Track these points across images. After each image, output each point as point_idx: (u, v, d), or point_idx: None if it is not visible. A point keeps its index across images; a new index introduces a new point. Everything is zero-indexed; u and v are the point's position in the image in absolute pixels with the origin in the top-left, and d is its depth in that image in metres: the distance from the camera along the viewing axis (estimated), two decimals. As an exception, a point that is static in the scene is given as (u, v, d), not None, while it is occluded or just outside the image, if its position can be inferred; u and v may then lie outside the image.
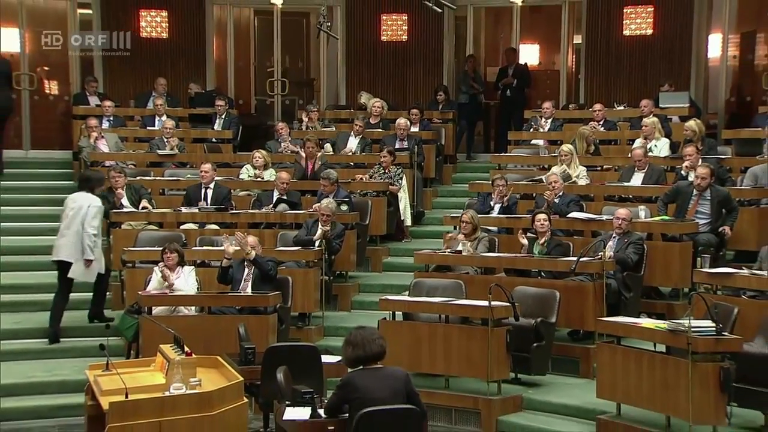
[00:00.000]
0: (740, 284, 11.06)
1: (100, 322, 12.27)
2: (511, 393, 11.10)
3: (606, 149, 16.05)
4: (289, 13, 20.47)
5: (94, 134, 16.43)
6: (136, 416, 7.24)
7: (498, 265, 12.42)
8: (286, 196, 14.53)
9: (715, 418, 9.36)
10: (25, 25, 19.44)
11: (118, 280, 13.33)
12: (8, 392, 11.54)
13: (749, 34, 19.45)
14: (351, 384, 7.62)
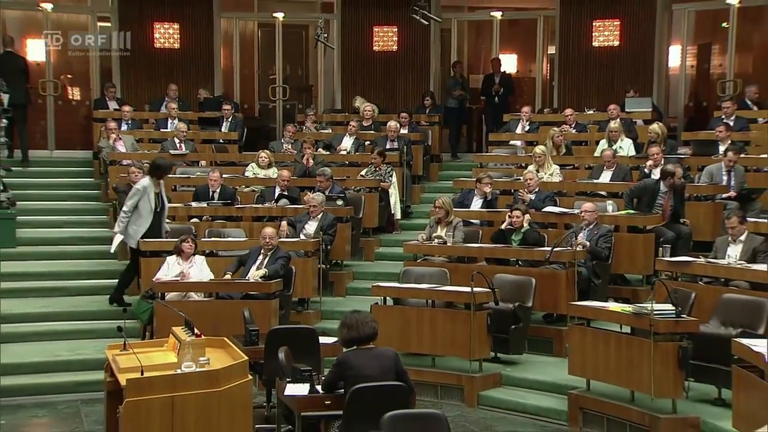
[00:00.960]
0: (697, 272, 11.21)
1: (119, 306, 12.23)
2: (491, 371, 11.15)
3: (577, 149, 16.12)
4: (290, 25, 20.46)
5: (113, 136, 16.48)
6: (151, 392, 7.23)
7: (479, 255, 12.44)
8: (287, 192, 14.57)
9: (674, 392, 9.45)
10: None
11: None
12: (36, 369, 11.63)
13: (705, 46, 19.57)
14: (346, 363, 7.66)
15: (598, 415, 10.02)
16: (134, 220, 12.59)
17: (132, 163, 15.03)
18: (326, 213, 13.55)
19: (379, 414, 6.67)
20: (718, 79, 18.81)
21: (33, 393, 11.21)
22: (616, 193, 13.60)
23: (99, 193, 16.54)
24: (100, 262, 14.61)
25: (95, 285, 13.95)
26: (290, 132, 17.25)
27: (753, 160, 14.24)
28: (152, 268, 12.07)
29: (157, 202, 12.72)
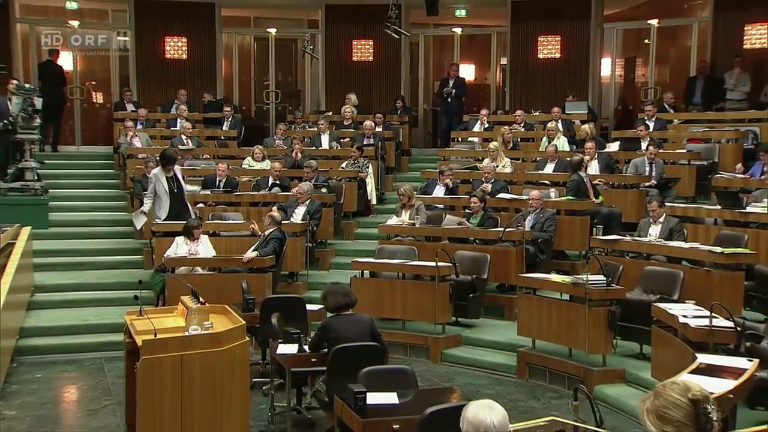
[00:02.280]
0: (624, 248, 11.30)
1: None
2: (452, 333, 11.19)
3: (525, 145, 16.16)
4: (281, 39, 20.39)
5: (130, 133, 16.47)
6: (163, 351, 7.21)
7: (443, 235, 12.42)
8: (278, 181, 14.57)
9: (605, 349, 9.58)
10: (77, 50, 19.33)
11: (149, 247, 13.25)
12: (66, 332, 11.65)
13: (631, 59, 19.69)
14: (328, 326, 7.70)
15: (541, 368, 10.11)
16: (157, 202, 12.63)
17: (147, 157, 15.09)
18: (313, 199, 13.53)
19: (358, 369, 6.71)
20: (641, 87, 19.00)
21: (63, 352, 11.25)
22: (558, 182, 13.65)
23: (118, 182, 16.47)
24: (120, 241, 14.62)
25: (116, 260, 13.97)
26: (281, 130, 17.21)
27: (670, 154, 14.37)
28: (163, 247, 12.06)
29: (172, 186, 12.66)
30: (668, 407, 3.16)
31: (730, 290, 9.73)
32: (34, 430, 8.63)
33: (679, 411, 3.14)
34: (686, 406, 3.14)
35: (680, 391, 3.19)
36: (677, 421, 3.14)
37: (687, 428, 3.13)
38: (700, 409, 3.14)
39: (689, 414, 3.14)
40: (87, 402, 9.69)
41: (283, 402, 8.43)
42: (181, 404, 7.24)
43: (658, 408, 3.19)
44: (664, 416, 3.17)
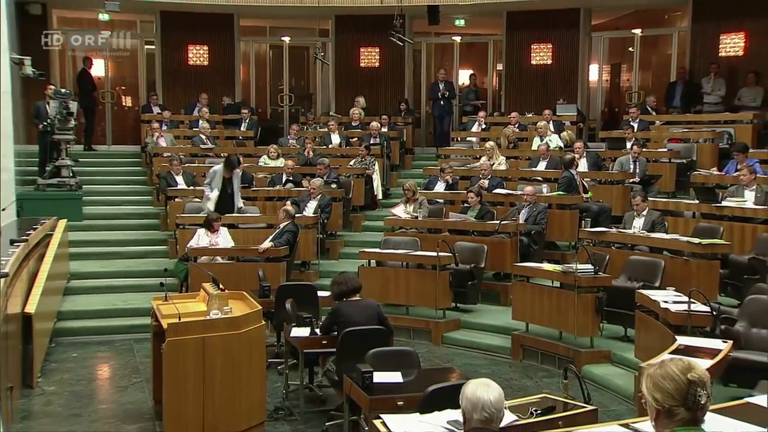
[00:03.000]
0: (610, 239, 11.27)
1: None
2: (452, 317, 11.20)
3: (519, 144, 16.08)
4: (294, 47, 20.36)
5: (156, 134, 16.50)
6: (186, 333, 7.24)
7: (444, 227, 12.41)
8: (292, 178, 14.57)
9: (592, 331, 9.59)
10: (108, 58, 19.34)
11: (173, 238, 13.26)
12: (98, 315, 11.74)
13: (616, 65, 19.66)
14: (338, 311, 7.69)
15: (534, 350, 10.13)
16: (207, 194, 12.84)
17: (171, 156, 15.10)
18: (323, 194, 13.54)
19: (365, 351, 6.72)
20: (626, 91, 18.97)
21: (96, 333, 11.31)
22: (550, 178, 13.63)
23: (146, 179, 16.45)
24: (147, 232, 14.66)
25: (143, 250, 14.00)
26: (294, 131, 17.19)
27: (652, 153, 14.35)
28: (186, 238, 12.07)
29: (226, 186, 12.81)
30: (665, 378, 3.19)
31: (706, 278, 9.72)
32: (71, 404, 8.65)
33: (673, 384, 3.17)
34: (681, 383, 3.16)
35: (682, 368, 3.22)
36: (667, 391, 3.17)
37: (673, 401, 3.17)
38: (692, 390, 3.16)
39: (681, 390, 3.16)
40: (118, 379, 9.73)
41: (297, 380, 8.42)
42: (204, 382, 7.26)
43: (657, 376, 3.22)
44: (658, 384, 3.20)
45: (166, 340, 7.24)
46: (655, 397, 3.20)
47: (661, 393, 3.19)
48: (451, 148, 16.86)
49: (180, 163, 14.79)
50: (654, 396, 3.20)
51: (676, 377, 3.18)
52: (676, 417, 3.18)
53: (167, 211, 14.09)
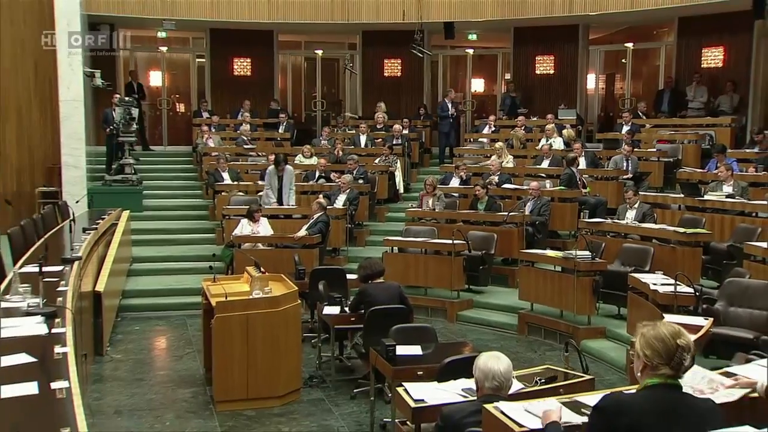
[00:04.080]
0: (606, 229, 11.22)
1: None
2: (465, 297, 11.15)
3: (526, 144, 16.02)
4: (326, 59, 20.37)
5: (205, 135, 16.54)
6: (232, 310, 7.28)
7: (458, 218, 12.37)
8: (324, 174, 14.55)
9: (589, 310, 9.58)
10: (165, 69, 19.41)
11: (220, 227, 13.30)
12: (156, 294, 11.79)
13: (611, 75, 19.56)
14: (365, 292, 7.71)
15: (538, 326, 10.10)
16: (266, 192, 12.98)
17: (218, 155, 15.12)
18: (352, 189, 13.54)
19: (388, 327, 6.72)
20: (619, 98, 18.88)
21: (154, 310, 11.35)
22: (552, 174, 13.56)
23: (196, 175, 16.49)
24: (197, 222, 14.69)
25: (194, 237, 14.02)
26: (326, 132, 17.18)
27: (643, 153, 14.26)
28: (232, 227, 12.11)
29: (278, 184, 12.96)
30: (657, 339, 3.24)
31: (690, 263, 9.65)
32: (134, 370, 8.72)
33: (663, 345, 3.22)
34: (671, 345, 3.21)
35: (673, 333, 3.27)
36: (657, 350, 3.23)
37: (660, 359, 3.23)
38: (679, 353, 3.22)
39: (669, 352, 3.22)
40: (173, 350, 9.78)
41: (328, 352, 8.46)
42: (247, 353, 7.31)
43: (650, 336, 3.28)
44: (650, 343, 3.26)
45: (215, 316, 7.29)
46: (646, 353, 3.26)
47: (651, 350, 3.24)
48: (464, 147, 16.79)
49: (226, 161, 14.83)
50: (645, 352, 3.26)
51: (666, 340, 3.23)
52: (659, 371, 3.24)
53: (215, 203, 14.13)
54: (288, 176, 13.12)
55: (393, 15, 17.19)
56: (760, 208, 10.67)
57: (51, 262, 7.12)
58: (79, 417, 3.51)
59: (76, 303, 6.41)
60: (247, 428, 6.91)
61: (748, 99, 15.89)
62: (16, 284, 5.78)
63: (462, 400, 4.61)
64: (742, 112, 15.73)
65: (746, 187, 11.41)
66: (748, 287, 7.83)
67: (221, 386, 7.34)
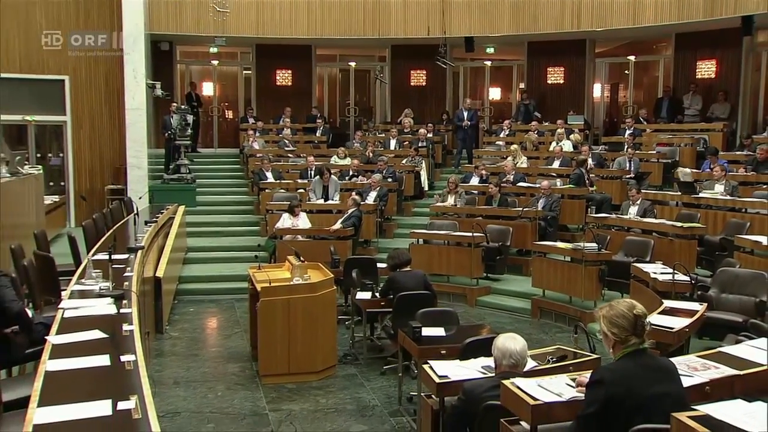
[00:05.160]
0: (611, 223, 11.12)
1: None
2: (484, 284, 11.14)
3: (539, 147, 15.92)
4: (359, 70, 20.30)
5: (251, 139, 16.54)
6: (275, 295, 7.33)
7: (477, 213, 12.33)
8: (357, 173, 14.56)
9: (596, 296, 9.51)
10: (216, 81, 19.52)
11: (264, 220, 13.34)
12: (208, 280, 11.90)
13: (615, 85, 19.37)
14: (393, 279, 7.72)
15: (549, 311, 10.08)
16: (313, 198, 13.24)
17: (262, 156, 15.19)
18: (382, 186, 13.53)
19: (415, 310, 6.73)
20: (622, 105, 18.64)
21: (206, 294, 11.45)
22: (562, 174, 13.46)
23: (243, 174, 16.52)
24: (244, 216, 14.71)
25: (241, 230, 14.08)
26: (359, 136, 17.15)
27: (644, 154, 14.08)
28: (274, 221, 12.17)
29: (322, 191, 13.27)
30: (618, 316, 3.47)
31: (687, 254, 9.61)
32: (190, 346, 8.83)
33: (625, 320, 3.45)
34: (630, 318, 3.45)
35: (629, 306, 3.50)
36: (621, 326, 3.45)
37: (626, 332, 3.45)
38: (639, 321, 3.46)
39: (631, 323, 3.45)
40: (223, 329, 9.86)
41: (360, 333, 8.47)
42: (289, 333, 7.37)
43: (611, 316, 3.50)
44: (612, 321, 3.48)
45: (260, 300, 7.35)
46: (613, 331, 3.47)
47: (617, 328, 3.46)
48: (483, 150, 16.72)
49: (269, 162, 14.85)
50: (612, 331, 3.47)
51: (626, 314, 3.46)
52: (629, 342, 3.46)
53: (259, 199, 14.15)
54: (333, 185, 13.38)
55: (419, 30, 17.13)
56: (748, 204, 10.63)
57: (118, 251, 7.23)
58: (144, 386, 3.58)
59: (140, 287, 6.49)
60: (288, 399, 6.96)
61: (738, 107, 15.79)
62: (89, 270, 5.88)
63: (482, 377, 4.62)
64: (733, 118, 15.62)
65: (737, 186, 11.34)
66: (738, 276, 7.81)
67: (265, 362, 7.40)
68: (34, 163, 14.02)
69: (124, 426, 3.16)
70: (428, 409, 4.88)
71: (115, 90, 15.46)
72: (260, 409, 6.71)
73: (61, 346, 4.22)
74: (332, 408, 6.79)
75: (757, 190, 11.27)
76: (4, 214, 9.17)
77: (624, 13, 15.61)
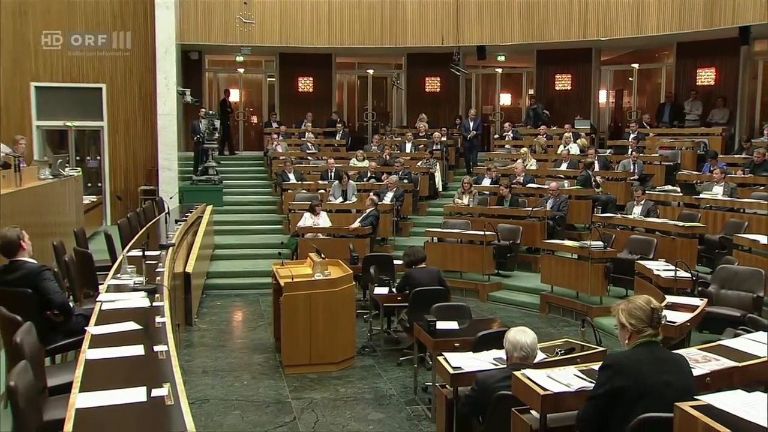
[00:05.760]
0: (616, 222, 11.06)
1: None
2: (495, 280, 11.10)
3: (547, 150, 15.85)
4: (377, 77, 20.28)
5: (275, 142, 16.59)
6: (298, 290, 7.35)
7: (489, 212, 12.29)
8: (374, 175, 14.55)
9: (602, 292, 9.51)
10: (242, 87, 19.56)
11: (287, 219, 13.37)
12: (234, 275, 11.90)
13: (620, 91, 19.20)
14: (409, 275, 7.70)
15: (557, 306, 10.03)
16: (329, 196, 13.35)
17: (285, 158, 15.22)
18: (398, 187, 13.53)
19: (430, 305, 6.71)
20: (627, 110, 18.49)
21: (232, 288, 11.47)
22: (570, 175, 13.38)
23: (266, 176, 16.52)
24: (267, 215, 14.72)
25: (265, 228, 14.07)
26: (376, 139, 17.07)
27: (647, 157, 13.99)
28: (296, 219, 12.20)
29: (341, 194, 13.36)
30: (636, 309, 3.55)
31: (688, 252, 9.54)
32: (217, 338, 8.87)
33: (642, 312, 3.53)
34: (648, 310, 3.53)
35: (645, 301, 3.60)
36: (639, 317, 3.53)
37: (643, 323, 3.52)
38: (656, 314, 3.54)
39: (648, 315, 3.52)
40: (248, 322, 9.90)
41: (378, 326, 8.49)
42: (310, 325, 7.39)
43: (629, 308, 3.57)
44: (631, 313, 3.55)
45: (283, 294, 7.37)
46: (631, 322, 3.55)
47: (635, 319, 3.54)
48: (494, 152, 16.66)
49: (291, 164, 14.88)
50: (630, 322, 3.55)
51: (643, 307, 3.54)
52: (645, 333, 3.53)
53: (282, 199, 14.20)
54: (351, 188, 13.44)
55: (433, 39, 17.09)
56: (746, 205, 10.59)
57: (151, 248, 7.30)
58: (176, 375, 3.60)
59: (171, 281, 6.53)
60: (310, 388, 6.98)
61: (736, 112, 15.74)
62: (124, 265, 5.92)
63: (493, 368, 4.61)
64: (731, 123, 15.58)
65: (735, 187, 11.33)
66: (736, 273, 7.80)
67: (288, 353, 7.43)
68: (73, 166, 14.13)
69: (158, 411, 3.18)
70: (443, 398, 4.88)
71: (148, 97, 15.58)
72: (283, 398, 6.74)
73: (99, 336, 4.26)
74: (351, 397, 6.81)
75: (755, 192, 11.23)
76: (48, 213, 9.27)
77: (628, 23, 15.54)
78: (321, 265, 7.75)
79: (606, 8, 15.74)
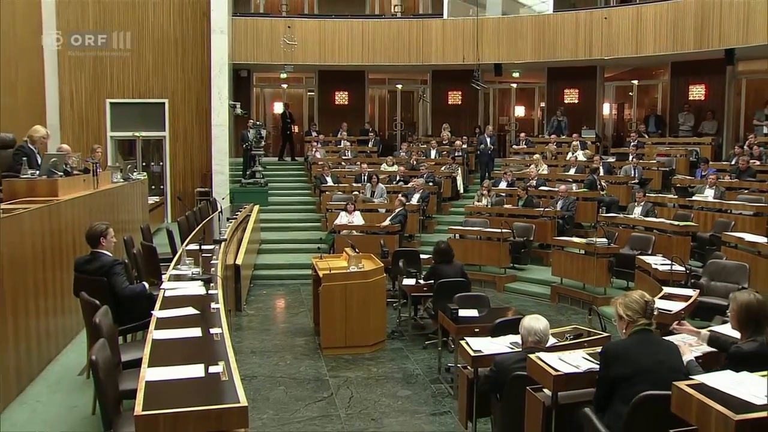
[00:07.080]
0: (619, 221, 10.95)
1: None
2: (510, 273, 11.04)
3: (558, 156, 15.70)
4: (405, 91, 20.23)
5: (314, 149, 16.60)
6: (335, 281, 7.38)
7: (505, 212, 12.22)
8: (403, 178, 14.51)
9: (606, 284, 9.45)
10: (285, 99, 19.64)
11: (324, 217, 13.40)
12: (278, 267, 11.93)
13: (621, 104, 19.01)
14: (436, 268, 7.71)
15: (566, 296, 9.95)
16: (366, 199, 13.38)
17: (323, 163, 15.24)
18: (424, 189, 13.48)
19: (452, 295, 6.71)
20: (627, 121, 18.35)
21: (276, 279, 11.50)
22: (578, 180, 13.31)
23: (307, 179, 16.51)
24: (307, 214, 14.70)
25: (305, 225, 14.08)
26: (404, 147, 17.08)
27: (646, 163, 13.92)
28: (333, 218, 12.27)
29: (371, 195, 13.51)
30: (632, 302, 3.60)
31: (682, 248, 9.45)
32: (264, 322, 8.92)
33: (637, 304, 3.58)
34: (642, 303, 3.58)
35: (640, 295, 3.67)
36: (635, 309, 3.57)
37: (637, 314, 3.57)
38: (649, 306, 3.60)
39: (642, 306, 3.58)
40: (291, 309, 9.93)
41: (406, 314, 8.50)
42: (345, 312, 7.41)
43: (626, 301, 3.62)
44: (628, 305, 3.60)
45: (322, 284, 7.39)
46: (627, 313, 3.59)
47: (631, 311, 3.58)
48: (509, 158, 16.57)
49: (329, 168, 14.90)
50: (627, 313, 3.59)
51: (638, 300, 3.61)
52: (638, 323, 3.57)
53: (320, 199, 14.21)
54: (379, 190, 13.47)
55: (455, 58, 17.03)
56: (734, 206, 10.61)
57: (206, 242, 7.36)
58: (229, 354, 3.64)
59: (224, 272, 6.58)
60: (345, 368, 7.01)
61: (724, 124, 15.77)
62: (183, 258, 5.98)
63: (510, 351, 4.59)
64: (720, 134, 15.70)
65: (724, 191, 11.31)
66: (724, 266, 7.78)
67: (326, 336, 7.46)
68: (140, 171, 14.31)
69: (215, 385, 3.22)
70: (464, 378, 4.87)
71: (203, 110, 15.75)
72: (322, 376, 6.77)
73: (163, 319, 4.32)
74: (382, 375, 6.82)
75: (741, 195, 11.22)
76: (119, 211, 9.41)
77: (628, 45, 15.51)
78: (355, 258, 7.77)
79: (609, 31, 15.70)
